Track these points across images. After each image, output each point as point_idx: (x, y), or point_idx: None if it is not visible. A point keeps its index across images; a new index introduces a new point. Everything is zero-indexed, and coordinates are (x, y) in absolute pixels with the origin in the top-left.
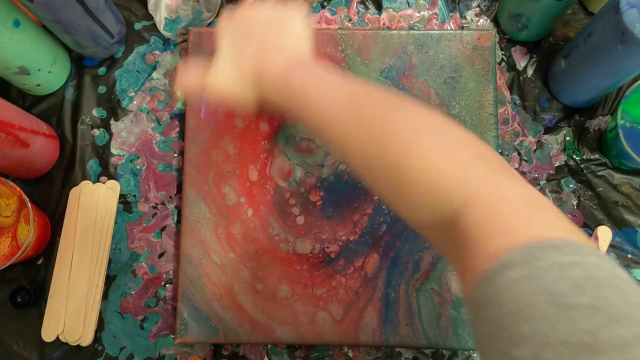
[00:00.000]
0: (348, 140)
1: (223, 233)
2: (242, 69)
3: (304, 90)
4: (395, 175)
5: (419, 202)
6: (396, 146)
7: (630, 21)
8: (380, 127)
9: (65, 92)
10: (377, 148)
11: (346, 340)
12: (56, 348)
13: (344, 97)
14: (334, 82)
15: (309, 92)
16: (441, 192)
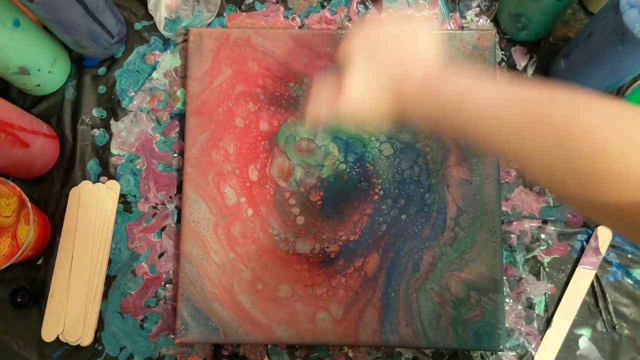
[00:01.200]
0: (525, 147)
1: (223, 233)
2: (379, 82)
3: (460, 98)
4: (587, 178)
5: (615, 201)
6: (587, 147)
7: (630, 21)
8: (563, 130)
9: (65, 92)
10: (562, 152)
11: (346, 340)
12: (56, 348)
13: (511, 101)
14: (492, 86)
15: (467, 100)
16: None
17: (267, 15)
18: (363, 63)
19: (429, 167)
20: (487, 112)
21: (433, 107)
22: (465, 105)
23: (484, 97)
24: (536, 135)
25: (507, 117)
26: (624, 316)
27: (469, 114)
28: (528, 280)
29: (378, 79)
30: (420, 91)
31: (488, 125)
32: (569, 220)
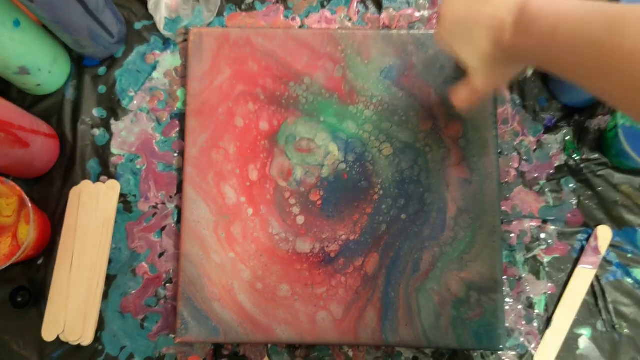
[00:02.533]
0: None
1: (223, 233)
2: (485, 52)
3: (548, 28)
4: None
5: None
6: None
7: None
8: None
9: (65, 92)
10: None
11: (346, 340)
12: (56, 348)
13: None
14: (575, 9)
15: (555, 30)
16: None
17: (267, 15)
18: (464, 47)
19: (429, 167)
20: (572, 26)
21: (531, 45)
22: (557, 32)
23: (572, 13)
24: (622, 49)
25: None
26: (624, 316)
27: (562, 35)
28: (528, 279)
29: (484, 51)
30: (515, 41)
31: (574, 48)
32: (569, 220)
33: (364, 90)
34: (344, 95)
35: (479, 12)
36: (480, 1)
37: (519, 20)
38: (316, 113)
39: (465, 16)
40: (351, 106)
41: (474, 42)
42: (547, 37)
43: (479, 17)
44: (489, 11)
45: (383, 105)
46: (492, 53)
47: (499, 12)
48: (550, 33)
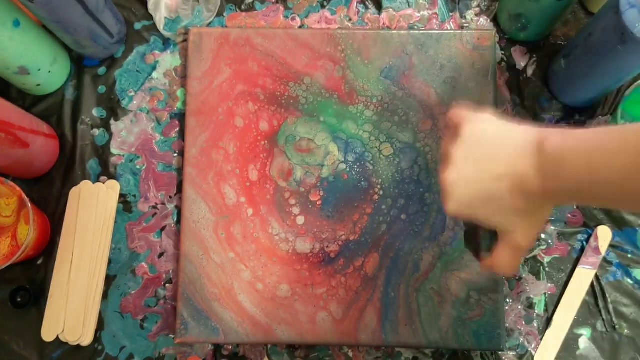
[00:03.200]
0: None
1: (223, 233)
2: (516, 208)
3: (580, 178)
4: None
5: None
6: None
7: (630, 21)
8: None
9: (65, 92)
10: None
11: (346, 340)
12: (56, 348)
13: (632, 152)
14: (597, 144)
15: (585, 179)
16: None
17: (267, 15)
18: (489, 211)
19: (429, 166)
20: (616, 175)
21: (567, 193)
22: (595, 173)
23: (607, 162)
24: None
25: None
26: (624, 316)
27: (602, 185)
28: (528, 280)
29: (514, 207)
30: (546, 189)
31: (624, 189)
32: (569, 220)
33: (364, 90)
34: (344, 95)
35: (493, 173)
36: (489, 159)
37: (543, 167)
38: (316, 113)
39: (479, 179)
40: (351, 106)
41: (497, 202)
42: (585, 176)
43: (495, 177)
44: (503, 170)
45: (383, 105)
46: (523, 206)
47: (514, 169)
48: (586, 171)
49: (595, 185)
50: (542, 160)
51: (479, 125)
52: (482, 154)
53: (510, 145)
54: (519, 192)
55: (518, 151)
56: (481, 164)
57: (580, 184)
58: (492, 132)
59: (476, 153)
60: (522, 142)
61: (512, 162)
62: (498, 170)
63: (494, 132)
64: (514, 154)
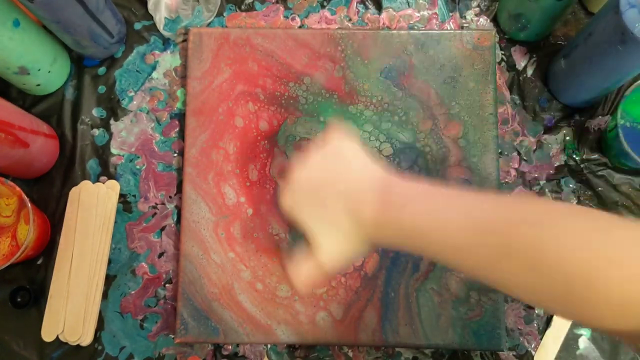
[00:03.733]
0: (495, 273)
1: (223, 233)
2: (339, 226)
3: (416, 224)
4: (574, 305)
5: (603, 320)
6: (566, 272)
7: (630, 21)
8: (536, 257)
9: (65, 92)
10: (539, 280)
11: (346, 340)
12: (56, 348)
13: (470, 225)
14: (444, 203)
15: (423, 226)
16: (631, 309)
17: (267, 15)
18: (313, 218)
19: (429, 167)
20: (447, 240)
21: (395, 235)
22: (423, 232)
23: (440, 225)
24: (510, 263)
25: (470, 245)
26: None
27: (430, 242)
28: None
29: (338, 228)
30: (378, 224)
31: (451, 253)
32: None
33: (364, 90)
34: (344, 95)
35: (337, 186)
36: (340, 172)
37: (382, 209)
38: (316, 113)
39: (322, 184)
40: (351, 106)
41: (325, 212)
42: (422, 241)
43: (336, 191)
44: (344, 188)
45: (383, 105)
46: (346, 228)
47: (357, 194)
48: (420, 235)
49: (426, 243)
50: (384, 201)
51: (348, 143)
52: (337, 166)
53: (365, 173)
54: (351, 215)
55: (366, 182)
56: (331, 173)
57: (411, 241)
58: (354, 154)
59: (332, 162)
60: (373, 176)
61: (357, 187)
62: (341, 186)
63: (356, 155)
64: (363, 182)
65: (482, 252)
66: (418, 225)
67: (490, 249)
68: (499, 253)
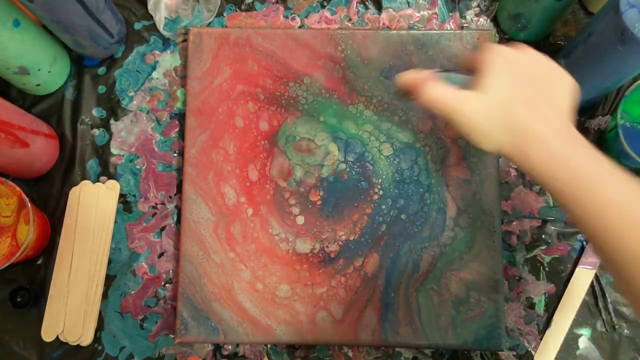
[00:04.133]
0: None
1: (223, 233)
2: (508, 113)
3: (593, 181)
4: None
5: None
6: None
7: (630, 21)
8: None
9: (65, 92)
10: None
11: (346, 340)
12: (56, 348)
13: (626, 217)
14: (631, 189)
15: (598, 188)
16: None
17: (267, 15)
18: (502, 88)
19: (429, 167)
20: (623, 216)
21: (556, 173)
22: (598, 195)
23: (624, 201)
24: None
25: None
26: (623, 316)
27: (600, 206)
28: (528, 280)
29: (506, 114)
30: (548, 152)
31: (619, 226)
32: (569, 220)
33: (364, 90)
34: (344, 95)
35: (543, 84)
36: (550, 81)
37: (554, 138)
38: (316, 113)
39: (534, 73)
40: (351, 106)
41: (518, 88)
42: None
43: (541, 89)
44: (548, 93)
45: (383, 105)
46: (519, 115)
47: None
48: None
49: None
50: (570, 133)
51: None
52: (534, 84)
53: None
54: (535, 111)
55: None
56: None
57: (562, 175)
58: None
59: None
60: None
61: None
62: (550, 92)
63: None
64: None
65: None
66: (584, 173)
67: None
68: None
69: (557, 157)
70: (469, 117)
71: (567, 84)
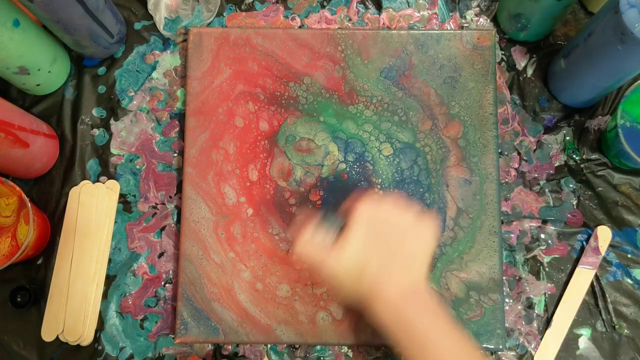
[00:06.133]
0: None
1: (223, 233)
2: (362, 270)
3: (423, 337)
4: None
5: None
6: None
7: (630, 21)
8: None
9: (65, 91)
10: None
11: (346, 340)
12: (56, 348)
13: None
14: (456, 347)
15: (428, 345)
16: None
17: (267, 15)
18: (362, 244)
19: (429, 167)
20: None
21: (397, 328)
22: (427, 347)
23: (445, 353)
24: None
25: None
26: (623, 316)
27: (425, 355)
28: (528, 280)
29: (361, 269)
30: (389, 308)
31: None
32: (568, 220)
33: (364, 90)
34: (344, 95)
35: (397, 240)
36: (400, 235)
37: (398, 299)
38: (316, 113)
39: (393, 228)
40: (351, 106)
41: (376, 248)
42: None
43: (395, 245)
44: (400, 251)
45: (383, 105)
46: (373, 275)
47: (400, 266)
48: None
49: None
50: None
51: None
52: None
53: (416, 262)
54: (385, 276)
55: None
56: (398, 236)
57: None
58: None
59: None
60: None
61: (406, 265)
62: (400, 249)
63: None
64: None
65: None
66: (420, 334)
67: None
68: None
69: (396, 314)
70: (330, 272)
71: (422, 237)
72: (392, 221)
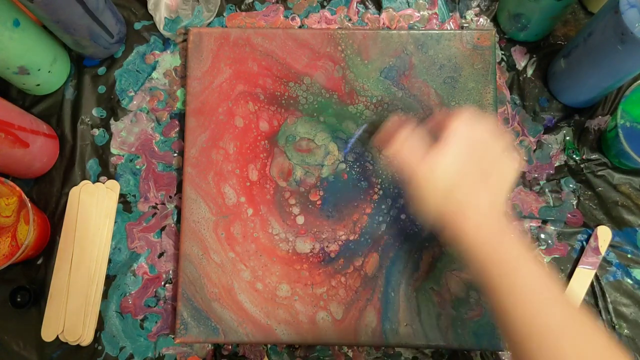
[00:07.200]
0: (557, 344)
1: (223, 233)
2: (453, 185)
3: (513, 261)
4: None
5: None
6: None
7: (630, 21)
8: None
9: (65, 91)
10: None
11: (346, 340)
12: (56, 348)
13: (562, 316)
14: (550, 287)
15: (519, 268)
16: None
17: (267, 15)
18: (460, 152)
19: None
20: (532, 307)
21: (489, 247)
22: (515, 280)
23: (537, 292)
24: (572, 352)
25: (548, 325)
26: (623, 316)
27: (511, 292)
28: None
29: (461, 178)
30: (488, 226)
31: (524, 315)
32: (568, 220)
33: (363, 90)
34: (344, 95)
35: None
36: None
37: (481, 226)
38: (316, 113)
39: (484, 154)
40: (351, 106)
41: (465, 166)
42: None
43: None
44: (489, 179)
45: (383, 105)
46: (461, 193)
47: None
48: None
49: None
50: (500, 226)
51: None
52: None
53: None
54: (474, 193)
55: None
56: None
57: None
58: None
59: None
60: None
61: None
62: (491, 177)
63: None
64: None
65: (549, 322)
66: (508, 260)
67: (556, 322)
68: (560, 332)
69: (488, 234)
70: (421, 180)
71: (511, 166)
72: (487, 143)
